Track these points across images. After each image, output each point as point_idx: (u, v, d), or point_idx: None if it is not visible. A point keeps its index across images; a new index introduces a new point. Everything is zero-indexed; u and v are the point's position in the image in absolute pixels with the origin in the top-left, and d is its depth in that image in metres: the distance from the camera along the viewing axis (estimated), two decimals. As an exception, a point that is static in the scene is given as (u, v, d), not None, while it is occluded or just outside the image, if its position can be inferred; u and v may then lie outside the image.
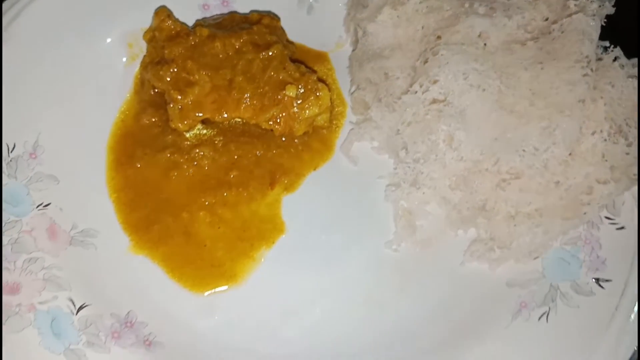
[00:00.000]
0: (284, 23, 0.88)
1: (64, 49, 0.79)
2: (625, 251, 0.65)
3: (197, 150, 0.78)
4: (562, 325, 0.63)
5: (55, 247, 0.67)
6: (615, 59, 0.69)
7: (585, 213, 0.66)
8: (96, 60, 0.81)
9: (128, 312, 0.66)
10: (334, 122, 0.85)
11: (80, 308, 0.63)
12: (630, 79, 0.67)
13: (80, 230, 0.70)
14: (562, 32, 0.69)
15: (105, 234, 0.71)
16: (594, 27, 0.68)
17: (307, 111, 0.78)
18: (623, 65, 0.68)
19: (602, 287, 0.64)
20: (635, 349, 0.59)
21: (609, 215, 0.68)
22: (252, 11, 0.88)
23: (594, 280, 0.65)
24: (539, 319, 0.64)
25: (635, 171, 0.65)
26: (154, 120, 0.81)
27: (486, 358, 0.62)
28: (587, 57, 0.67)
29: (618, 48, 0.70)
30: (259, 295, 0.71)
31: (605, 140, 0.66)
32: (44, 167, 0.72)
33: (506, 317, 0.65)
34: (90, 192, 0.74)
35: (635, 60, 0.68)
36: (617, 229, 0.67)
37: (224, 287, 0.71)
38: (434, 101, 0.72)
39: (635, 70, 0.67)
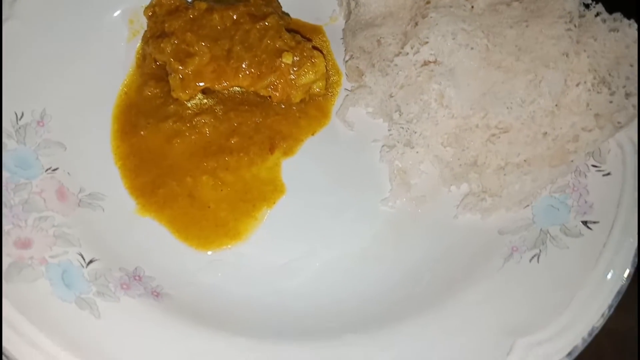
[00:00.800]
0: (281, -1, 0.91)
1: (68, 24, 0.81)
2: (612, 194, 0.68)
3: (199, 118, 0.81)
4: (552, 265, 0.65)
5: (64, 207, 0.69)
6: (597, 15, 0.71)
7: (572, 160, 0.68)
8: (99, 35, 0.84)
9: (136, 268, 0.68)
10: (330, 91, 0.87)
11: (90, 262, 0.66)
12: (611, 32, 0.69)
13: (87, 193, 0.73)
14: (546, -9, 0.72)
15: (112, 197, 0.74)
16: (576, -17, 0.71)
17: (304, 78, 0.81)
18: (605, 20, 0.71)
19: (590, 228, 0.67)
20: (623, 281, 0.61)
21: (595, 163, 0.71)
22: (248, -16, 0.91)
23: (582, 222, 0.67)
24: (530, 260, 0.66)
25: (619, 118, 0.67)
26: (156, 91, 0.84)
27: (481, 297, 0.65)
28: (569, 13, 0.69)
29: (600, 4, 0.72)
30: (261, 251, 0.73)
31: (589, 90, 0.69)
32: (52, 135, 0.75)
33: (499, 261, 0.68)
34: (97, 159, 0.77)
35: (616, 14, 0.71)
36: (604, 175, 0.70)
37: (228, 245, 0.73)
38: (425, 63, 0.75)
39: (616, 24, 0.70)
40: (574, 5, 0.70)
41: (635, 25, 0.69)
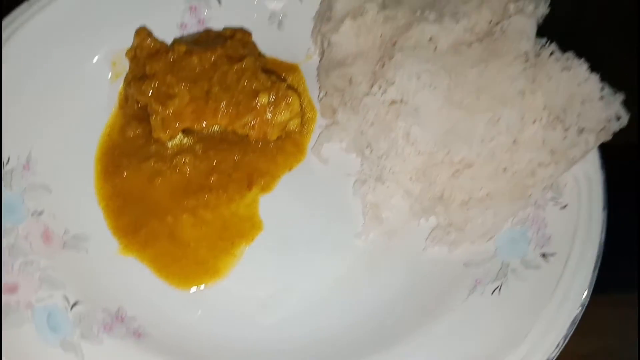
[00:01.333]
0: (256, 38, 0.94)
1: (53, 69, 0.85)
2: (568, 227, 0.72)
3: (179, 158, 0.85)
4: (512, 297, 0.69)
5: (49, 250, 0.73)
6: (551, 54, 0.75)
7: (530, 195, 0.72)
8: (83, 78, 0.87)
9: (118, 308, 0.71)
10: (305, 127, 0.91)
11: (74, 305, 0.69)
12: (564, 71, 0.73)
13: (72, 235, 0.76)
14: (503, 33, 0.75)
15: (96, 237, 0.77)
16: (531, 26, 0.75)
17: (279, 116, 0.85)
18: (558, 59, 0.75)
19: (547, 260, 0.70)
20: (577, 311, 0.65)
21: (553, 196, 0.75)
22: (225, 28, 0.95)
23: (540, 255, 0.71)
24: (492, 292, 0.70)
25: (573, 153, 0.71)
26: (138, 132, 0.87)
27: (446, 329, 0.68)
28: (525, 53, 0.74)
29: (554, 44, 0.77)
30: (240, 288, 0.76)
31: (545, 127, 0.72)
32: (37, 178, 0.78)
33: (464, 293, 0.71)
34: (81, 200, 0.80)
35: (568, 54, 0.75)
36: (561, 208, 0.74)
37: (208, 283, 0.76)
38: (393, 102, 0.79)
39: (568, 63, 0.74)
40: (529, 46, 0.74)
41: (585, 65, 0.73)
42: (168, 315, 0.73)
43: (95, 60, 0.89)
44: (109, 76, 0.90)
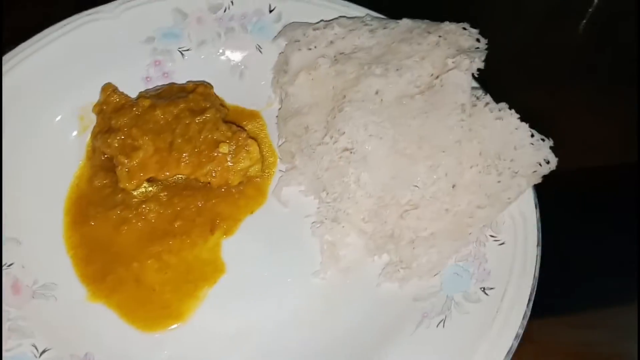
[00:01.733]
0: (219, 89, 1.00)
1: (21, 125, 0.89)
2: (505, 262, 0.78)
3: (144, 206, 0.89)
4: (455, 329, 0.74)
5: (19, 301, 0.76)
6: (486, 104, 0.83)
7: (470, 233, 0.78)
8: (51, 132, 0.92)
9: (86, 354, 0.75)
10: (267, 171, 0.96)
11: (43, 352, 0.72)
12: (497, 120, 0.81)
13: (41, 284, 0.80)
14: (442, 86, 0.82)
15: (64, 285, 0.81)
16: (467, 80, 0.82)
17: (240, 164, 0.90)
18: (492, 110, 0.82)
19: (487, 294, 0.76)
20: (513, 342, 0.70)
21: (492, 233, 0.81)
22: (188, 81, 1.00)
23: (480, 289, 0.77)
24: (437, 325, 0.75)
25: (508, 195, 0.78)
26: (105, 182, 0.91)
27: (395, 361, 0.73)
28: (462, 105, 0.81)
29: (488, 95, 0.84)
30: (203, 329, 0.80)
31: (480, 172, 0.79)
32: (7, 232, 0.81)
33: (411, 327, 0.76)
34: (50, 249, 0.83)
35: (502, 104, 0.83)
36: (499, 244, 0.80)
37: (172, 326, 0.80)
38: (345, 149, 0.85)
39: (502, 113, 0.81)
40: (465, 98, 0.81)
41: (517, 115, 0.81)
42: (134, 358, 0.76)
43: (63, 114, 0.94)
44: (77, 129, 0.95)
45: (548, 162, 0.79)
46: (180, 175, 0.92)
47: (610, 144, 1.06)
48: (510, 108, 0.82)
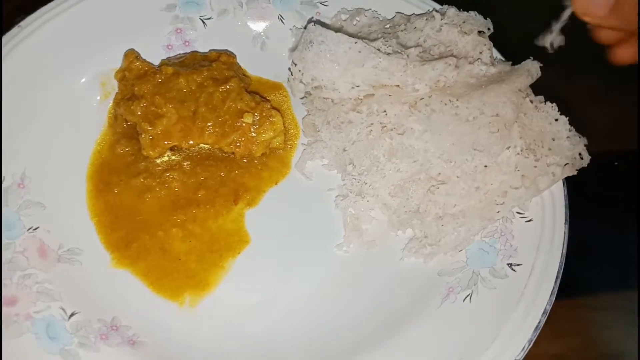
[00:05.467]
0: (241, 59, 0.99)
1: (44, 90, 0.88)
2: (533, 239, 0.78)
3: (168, 174, 0.89)
4: (482, 304, 0.74)
5: (45, 264, 0.76)
6: (526, 95, 0.83)
7: (498, 212, 0.79)
8: (73, 98, 0.91)
9: (113, 318, 0.75)
10: (289, 143, 0.96)
11: (71, 315, 0.72)
12: (538, 110, 0.82)
13: (66, 249, 0.79)
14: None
15: (89, 251, 0.81)
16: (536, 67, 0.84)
17: (263, 135, 0.90)
18: (532, 101, 0.83)
19: (514, 270, 0.76)
20: (541, 318, 0.71)
21: (519, 210, 0.81)
22: (210, 50, 0.99)
23: (507, 265, 0.77)
24: (464, 300, 0.75)
25: (541, 183, 0.78)
26: (127, 149, 0.91)
27: (421, 335, 0.74)
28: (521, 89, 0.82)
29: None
30: (228, 297, 0.80)
31: (518, 154, 0.79)
32: (32, 195, 0.81)
33: (437, 301, 0.76)
34: (74, 215, 0.83)
35: (540, 97, 0.84)
36: (526, 221, 0.80)
37: (199, 295, 0.80)
38: (381, 125, 0.84)
39: (541, 105, 0.83)
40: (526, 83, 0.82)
41: (556, 107, 0.82)
42: (160, 324, 0.76)
43: (83, 80, 0.93)
44: (98, 96, 0.94)
45: (582, 159, 0.80)
46: (203, 145, 0.91)
47: (628, 130, 1.05)
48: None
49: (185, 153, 0.91)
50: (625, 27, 0.48)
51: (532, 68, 0.84)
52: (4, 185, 0.79)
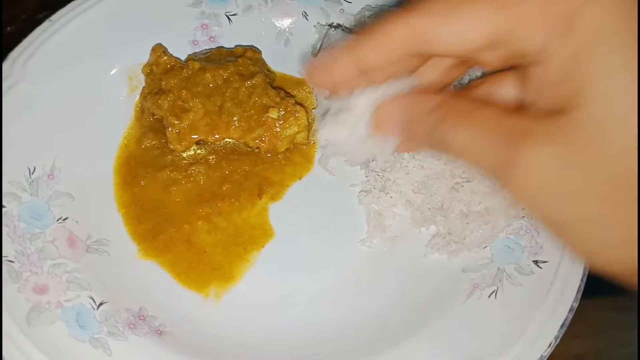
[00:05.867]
0: (265, 55, 1.00)
1: (72, 84, 0.89)
2: (558, 237, 0.78)
3: (194, 168, 0.90)
4: (508, 300, 0.74)
5: (74, 254, 0.77)
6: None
7: (523, 209, 0.78)
8: (101, 91, 0.92)
9: (140, 308, 0.76)
10: (313, 138, 0.97)
11: (100, 304, 0.73)
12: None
13: (94, 239, 0.81)
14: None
15: (117, 242, 0.82)
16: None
17: (288, 130, 0.90)
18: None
19: (540, 267, 0.76)
20: (567, 315, 0.71)
21: (545, 208, 0.81)
22: (236, 46, 1.00)
23: (533, 262, 0.77)
24: (489, 296, 0.75)
25: None
26: (154, 143, 0.92)
27: (446, 330, 0.74)
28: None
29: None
30: (252, 290, 0.81)
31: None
32: (61, 186, 0.82)
33: (462, 297, 0.76)
34: (101, 207, 0.85)
35: None
36: (552, 219, 0.80)
37: (225, 287, 0.81)
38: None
39: None
40: None
41: None
42: (186, 314, 0.77)
43: (112, 74, 0.94)
44: (126, 90, 0.95)
45: None
46: (228, 140, 0.92)
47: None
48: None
49: (210, 147, 0.92)
50: (415, 143, 0.50)
51: None
52: (34, 176, 0.81)
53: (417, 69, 0.51)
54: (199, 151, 0.92)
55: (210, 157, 0.92)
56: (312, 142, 0.96)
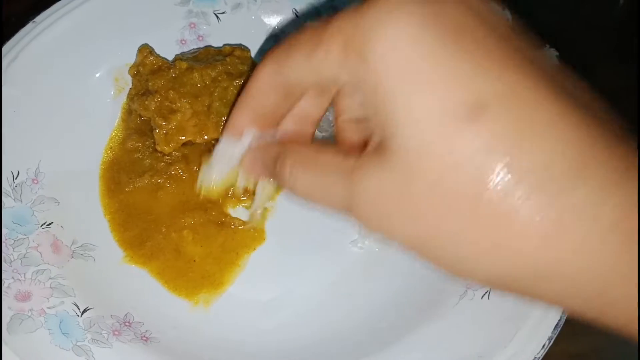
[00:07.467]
0: (255, 54, 0.98)
1: (58, 86, 0.88)
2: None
3: (173, 168, 0.88)
4: (501, 301, 0.72)
5: (58, 259, 0.76)
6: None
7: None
8: (86, 94, 0.91)
9: (126, 314, 0.74)
10: (303, 139, 0.95)
11: (84, 311, 0.72)
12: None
13: (80, 245, 0.79)
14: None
15: (103, 247, 0.80)
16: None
17: (277, 130, 0.89)
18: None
19: (533, 267, 0.74)
20: (561, 314, 0.69)
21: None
22: (224, 45, 0.98)
23: (526, 261, 0.75)
24: (482, 297, 0.74)
25: None
26: (138, 145, 0.90)
27: (438, 332, 0.72)
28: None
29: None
30: (241, 294, 0.80)
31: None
32: (45, 191, 0.81)
33: (454, 298, 0.75)
34: (87, 211, 0.83)
35: None
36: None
37: (215, 294, 0.80)
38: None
39: None
40: None
41: None
42: (173, 320, 0.76)
43: (97, 75, 0.93)
44: (112, 91, 0.94)
45: None
46: (215, 140, 0.90)
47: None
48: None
49: (193, 147, 0.90)
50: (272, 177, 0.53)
51: (550, 57, 0.81)
52: (17, 180, 0.79)
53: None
54: (176, 154, 0.90)
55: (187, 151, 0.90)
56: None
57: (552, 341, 0.68)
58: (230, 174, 0.59)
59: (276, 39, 1.01)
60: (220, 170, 0.59)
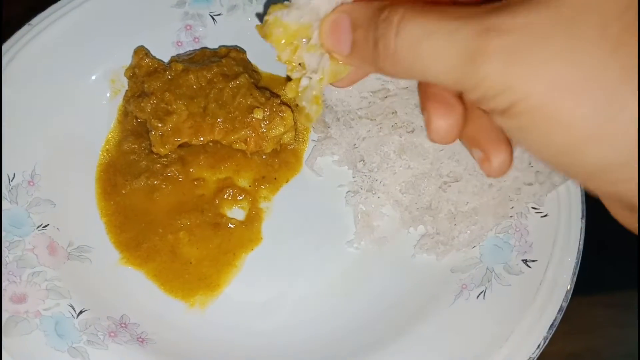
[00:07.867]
0: (251, 55, 0.98)
1: (53, 88, 0.88)
2: (548, 235, 0.76)
3: (169, 169, 0.88)
4: (496, 301, 0.73)
5: (54, 261, 0.76)
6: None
7: (512, 208, 0.77)
8: (83, 95, 0.90)
9: (122, 316, 0.75)
10: (300, 137, 0.95)
11: (80, 313, 0.72)
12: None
13: (76, 246, 0.79)
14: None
15: (99, 249, 0.80)
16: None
17: (274, 130, 0.89)
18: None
19: (529, 266, 0.74)
20: (556, 315, 0.69)
21: (534, 205, 0.79)
22: (220, 46, 0.98)
23: (522, 261, 0.75)
24: (477, 297, 0.74)
25: (557, 178, 0.76)
26: (134, 147, 0.90)
27: (433, 332, 0.72)
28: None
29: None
30: (237, 295, 0.80)
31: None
32: (41, 193, 0.81)
33: (450, 298, 0.75)
34: (83, 213, 0.83)
35: None
36: (542, 216, 0.78)
37: (212, 295, 0.79)
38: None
39: None
40: None
41: None
42: (169, 322, 0.76)
43: (93, 78, 0.92)
44: (109, 93, 0.93)
45: None
46: (211, 142, 0.90)
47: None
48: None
49: (189, 149, 0.90)
50: (365, 66, 0.44)
51: None
52: (13, 183, 0.79)
53: None
54: (173, 155, 0.90)
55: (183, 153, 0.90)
56: (299, 139, 0.95)
57: (547, 341, 0.68)
58: (303, 26, 0.48)
59: (272, 41, 1.01)
60: (297, 16, 0.47)
